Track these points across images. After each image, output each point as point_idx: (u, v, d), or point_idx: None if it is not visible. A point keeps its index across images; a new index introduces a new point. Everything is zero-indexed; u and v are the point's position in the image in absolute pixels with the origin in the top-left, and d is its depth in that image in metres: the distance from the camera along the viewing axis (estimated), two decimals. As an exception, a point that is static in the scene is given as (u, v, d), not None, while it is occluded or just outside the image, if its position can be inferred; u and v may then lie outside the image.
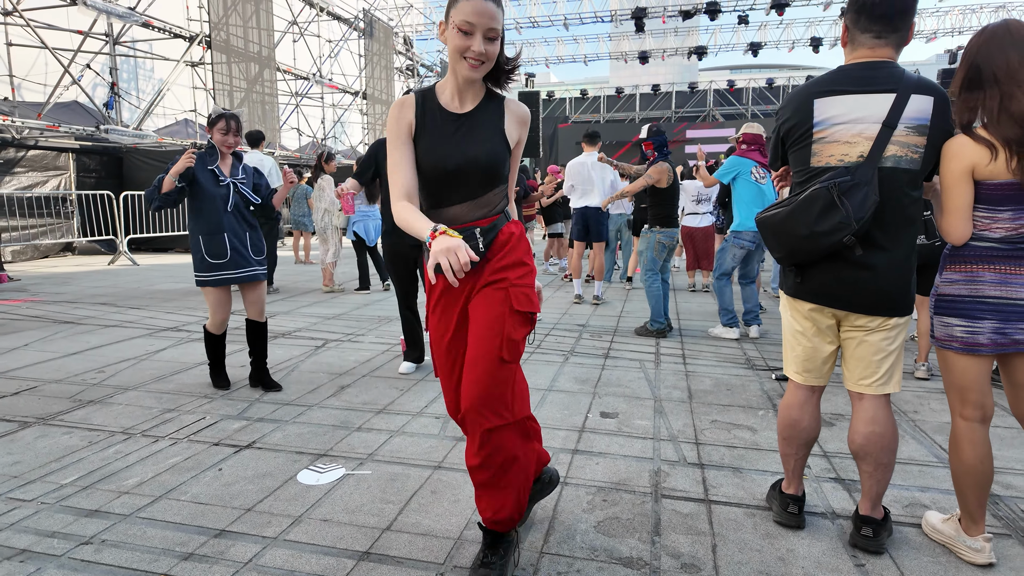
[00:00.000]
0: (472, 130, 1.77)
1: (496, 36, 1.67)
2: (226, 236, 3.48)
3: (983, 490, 1.94)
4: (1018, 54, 1.72)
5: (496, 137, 1.78)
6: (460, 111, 1.79)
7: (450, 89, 1.79)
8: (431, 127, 1.77)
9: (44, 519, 2.21)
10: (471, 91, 1.79)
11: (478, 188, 1.78)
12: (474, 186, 1.77)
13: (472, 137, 1.76)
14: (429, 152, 1.76)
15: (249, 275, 3.55)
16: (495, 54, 1.69)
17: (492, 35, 1.66)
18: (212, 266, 3.46)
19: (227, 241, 3.48)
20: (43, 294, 7.18)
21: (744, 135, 5.02)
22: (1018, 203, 1.77)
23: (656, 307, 5.17)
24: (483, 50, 1.65)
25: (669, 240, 5.24)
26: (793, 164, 2.01)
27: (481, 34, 1.64)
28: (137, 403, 3.45)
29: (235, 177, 3.53)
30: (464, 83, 1.75)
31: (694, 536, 2.11)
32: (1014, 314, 1.81)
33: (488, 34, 1.65)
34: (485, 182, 1.78)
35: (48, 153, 10.84)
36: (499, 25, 1.65)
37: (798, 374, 2.13)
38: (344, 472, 2.58)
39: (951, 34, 23.23)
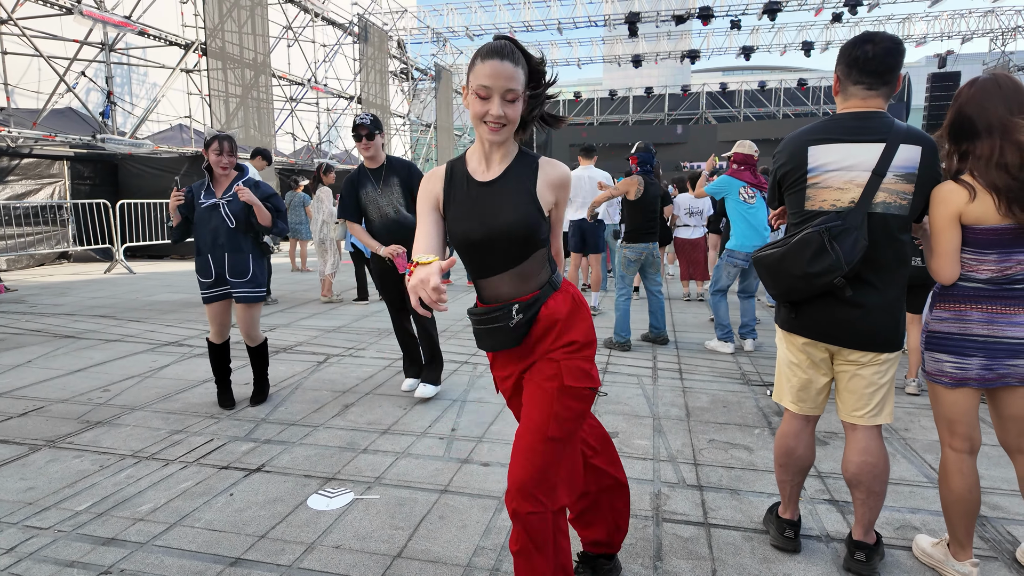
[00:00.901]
0: (498, 197, 1.67)
1: (515, 98, 1.59)
2: (209, 257, 3.57)
3: (971, 518, 2.03)
4: (1007, 107, 1.82)
5: (524, 202, 1.65)
6: (486, 178, 1.70)
7: (477, 154, 1.72)
8: (458, 197, 1.71)
9: (62, 548, 2.26)
10: (498, 154, 1.70)
11: (513, 258, 1.67)
12: (508, 256, 1.67)
13: (498, 205, 1.66)
14: (456, 223, 1.70)
15: (225, 295, 3.65)
16: (516, 116, 1.61)
17: (511, 97, 1.58)
18: (202, 284, 3.63)
19: (210, 262, 3.57)
20: (42, 306, 7.20)
21: (735, 155, 5.13)
22: (1003, 247, 1.86)
23: (620, 321, 5.25)
24: (501, 113, 1.57)
25: (636, 255, 5.27)
26: (789, 206, 2.09)
27: (499, 97, 1.57)
28: (145, 424, 3.50)
29: (223, 197, 3.58)
30: (489, 147, 1.68)
31: (695, 561, 2.19)
32: (1000, 351, 1.90)
33: (507, 96, 1.57)
34: (519, 251, 1.67)
35: (42, 161, 10.83)
36: (518, 86, 1.58)
37: (793, 404, 2.21)
38: (353, 497, 2.64)
39: (940, 39, 23.49)
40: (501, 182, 1.68)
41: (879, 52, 1.92)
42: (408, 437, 3.31)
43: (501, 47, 1.57)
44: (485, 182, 1.70)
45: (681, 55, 24.85)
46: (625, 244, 5.32)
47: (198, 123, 15.01)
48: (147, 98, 14.78)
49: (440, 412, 3.69)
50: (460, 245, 1.71)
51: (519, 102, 1.60)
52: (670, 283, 9.35)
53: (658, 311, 5.42)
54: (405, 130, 25.63)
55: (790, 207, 2.08)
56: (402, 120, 24.92)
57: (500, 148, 1.69)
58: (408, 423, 3.52)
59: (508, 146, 1.70)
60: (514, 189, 1.67)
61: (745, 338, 5.25)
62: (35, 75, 12.01)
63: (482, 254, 1.69)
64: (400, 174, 3.81)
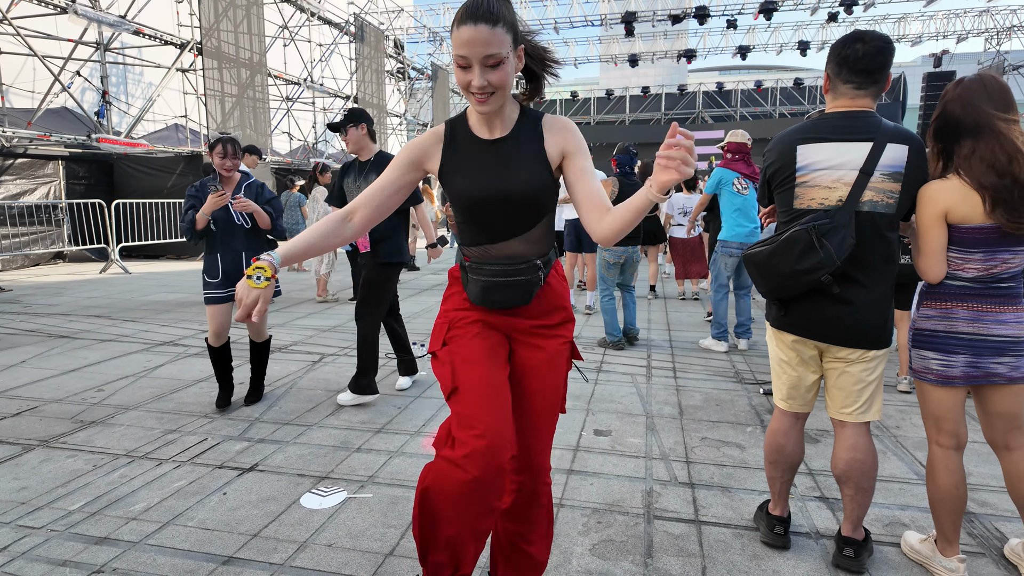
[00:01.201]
0: (510, 158, 1.57)
1: (497, 62, 1.43)
2: (219, 256, 3.59)
3: (958, 514, 2.05)
4: (992, 106, 1.83)
5: (536, 162, 1.57)
6: (493, 136, 1.60)
7: (476, 116, 1.61)
8: (464, 158, 1.60)
9: (55, 547, 2.27)
10: (499, 117, 1.59)
11: (522, 221, 1.60)
12: (518, 219, 1.59)
13: (510, 166, 1.57)
14: (465, 183, 1.58)
15: (228, 296, 3.64)
16: (503, 80, 1.45)
17: (491, 62, 1.42)
18: (207, 284, 3.62)
19: (219, 262, 3.59)
20: (37, 306, 7.19)
21: (728, 144, 5.15)
22: (988, 246, 1.88)
23: (609, 322, 5.28)
24: (484, 83, 1.44)
25: (615, 258, 5.29)
26: (778, 204, 2.11)
27: (479, 64, 1.42)
28: (139, 423, 3.50)
29: (232, 199, 3.59)
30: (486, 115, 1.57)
31: (685, 558, 2.21)
32: (986, 349, 1.92)
33: (487, 62, 1.42)
34: (532, 215, 1.60)
35: (37, 160, 10.81)
36: (499, 48, 1.41)
37: (783, 401, 2.23)
38: (346, 495, 2.65)
39: (935, 38, 23.56)
40: (510, 142, 1.59)
41: (868, 51, 1.93)
42: (402, 436, 3.32)
43: (475, 7, 1.40)
44: (492, 141, 1.59)
45: (677, 55, 24.89)
46: (604, 247, 5.34)
47: (194, 123, 14.98)
48: (142, 98, 14.76)
49: (434, 411, 3.70)
50: (466, 205, 1.59)
51: (505, 64, 1.44)
52: (666, 282, 9.37)
53: (630, 305, 5.47)
54: (402, 129, 25.62)
55: (779, 205, 2.10)
56: (399, 120, 24.91)
57: (499, 112, 1.57)
58: (402, 422, 3.53)
59: (508, 108, 1.59)
60: (523, 149, 1.58)
61: (740, 337, 5.27)
62: (30, 74, 11.98)
63: (489, 215, 1.58)
64: (381, 169, 3.82)
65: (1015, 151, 1.79)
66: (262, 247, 3.74)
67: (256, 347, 3.83)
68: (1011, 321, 1.91)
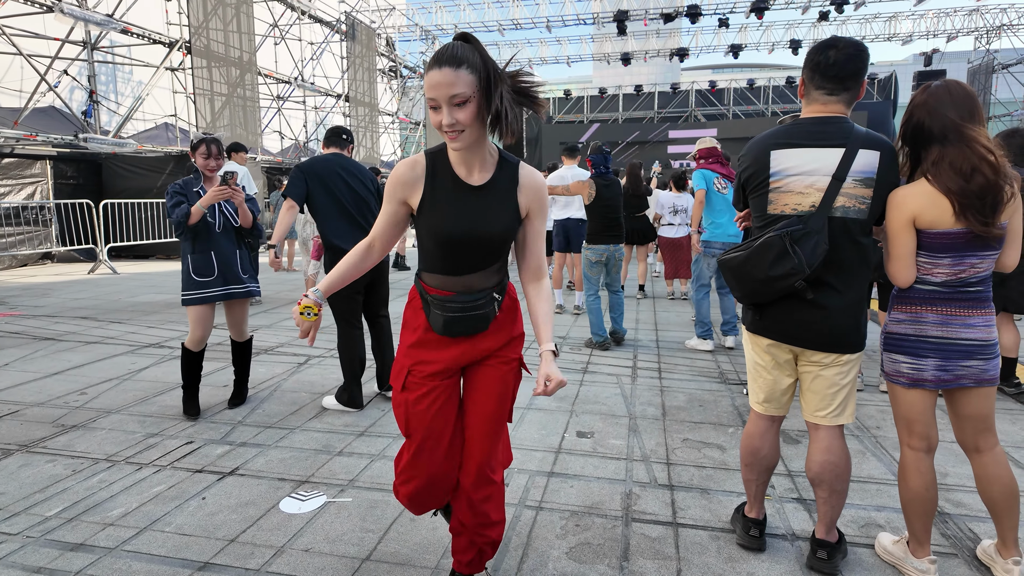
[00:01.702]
0: (486, 204, 1.71)
1: (463, 100, 1.52)
2: (213, 254, 3.55)
3: (928, 516, 2.07)
4: (957, 113, 1.85)
5: (510, 211, 1.74)
6: (473, 182, 1.71)
7: (455, 156, 1.70)
8: (445, 197, 1.71)
9: (30, 554, 2.26)
10: (477, 158, 1.69)
11: (488, 258, 1.77)
12: (485, 257, 1.76)
13: (486, 212, 1.71)
14: (442, 222, 1.70)
15: (232, 293, 3.61)
16: (470, 118, 1.55)
17: (456, 101, 1.52)
18: (198, 284, 3.51)
19: (214, 259, 3.55)
20: (22, 307, 7.14)
21: (699, 151, 5.25)
22: (957, 251, 1.90)
23: (595, 322, 5.30)
24: (452, 120, 1.54)
25: (598, 256, 5.32)
26: (752, 209, 2.12)
27: (446, 105, 1.53)
28: (120, 427, 3.49)
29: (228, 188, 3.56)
30: (464, 153, 1.67)
31: (660, 561, 2.22)
32: (955, 352, 1.93)
33: (452, 101, 1.52)
34: (495, 253, 1.78)
35: (24, 160, 10.73)
36: (463, 88, 1.51)
37: (759, 404, 2.24)
38: (325, 500, 2.65)
39: (926, 37, 23.67)
40: (490, 189, 1.72)
41: (840, 58, 1.94)
42: (384, 439, 3.32)
43: (441, 53, 1.53)
44: (474, 186, 1.71)
45: (670, 53, 24.93)
46: (587, 246, 5.37)
47: (183, 122, 14.91)
48: (131, 97, 14.67)
49: (418, 413, 3.70)
50: (442, 242, 1.72)
51: (470, 103, 1.54)
52: (655, 282, 9.40)
53: (617, 306, 5.47)
54: (394, 128, 25.55)
55: (754, 210, 2.11)
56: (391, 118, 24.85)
57: (477, 153, 1.68)
58: (385, 425, 3.53)
59: (485, 151, 1.69)
60: (501, 198, 1.73)
61: (727, 335, 5.30)
62: (17, 73, 11.89)
63: (461, 253, 1.73)
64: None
65: (979, 158, 1.80)
66: (243, 245, 3.71)
67: (239, 347, 3.81)
68: (979, 325, 1.93)
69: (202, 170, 3.56)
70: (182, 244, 3.57)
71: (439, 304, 1.77)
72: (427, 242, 1.76)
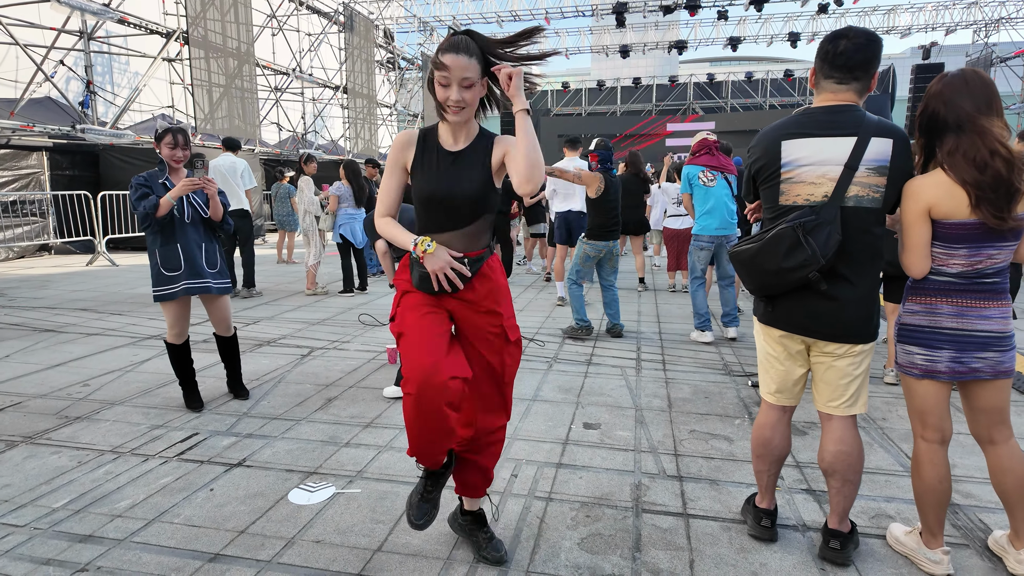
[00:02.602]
0: (462, 166, 1.97)
1: (471, 83, 1.85)
2: (179, 247, 3.46)
3: (942, 507, 2.06)
4: (973, 103, 1.83)
5: (482, 172, 1.97)
6: (454, 148, 1.99)
7: (444, 129, 2.00)
8: (429, 162, 1.99)
9: (38, 546, 2.24)
10: (463, 131, 1.99)
11: (465, 218, 1.97)
12: (461, 216, 1.97)
13: (461, 174, 1.96)
14: (425, 183, 1.97)
15: (203, 287, 3.52)
16: (474, 99, 1.89)
17: (466, 83, 1.85)
18: (167, 278, 3.43)
19: (180, 252, 3.46)
20: (21, 299, 7.10)
21: (693, 146, 5.29)
22: (972, 241, 1.89)
23: (577, 308, 5.35)
24: (460, 98, 1.86)
25: (596, 252, 5.32)
26: (764, 200, 2.10)
27: (456, 84, 1.84)
28: (124, 419, 3.47)
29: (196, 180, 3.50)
30: (455, 126, 1.96)
31: (673, 551, 2.22)
32: (970, 344, 1.93)
33: (463, 83, 1.84)
34: (471, 213, 1.97)
35: (20, 151, 10.64)
36: (473, 74, 1.84)
37: (771, 395, 2.23)
38: (334, 491, 2.64)
39: (924, 30, 23.64)
40: (466, 154, 1.98)
41: (850, 48, 1.92)
42: (391, 430, 3.31)
43: (457, 42, 1.84)
44: (453, 152, 1.99)
45: (669, 45, 24.85)
46: (586, 240, 5.35)
47: (181, 113, 14.80)
48: (129, 88, 14.56)
49: (423, 405, 3.69)
50: (424, 201, 1.98)
51: (475, 87, 1.88)
52: (656, 274, 9.39)
53: (612, 303, 5.45)
54: (392, 120, 25.43)
55: (765, 202, 2.09)
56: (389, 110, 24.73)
57: (464, 127, 1.98)
58: (391, 416, 3.51)
59: (471, 125, 2.00)
60: (474, 162, 1.97)
61: (728, 326, 5.30)
62: (12, 63, 11.77)
63: (441, 211, 1.97)
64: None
65: (995, 149, 1.79)
66: (214, 238, 3.64)
67: (224, 342, 3.76)
68: (996, 316, 1.92)
69: (168, 161, 3.48)
70: (148, 238, 3.48)
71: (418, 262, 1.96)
72: (415, 203, 2.01)
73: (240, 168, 7.01)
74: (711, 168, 5.07)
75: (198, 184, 3.39)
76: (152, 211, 3.34)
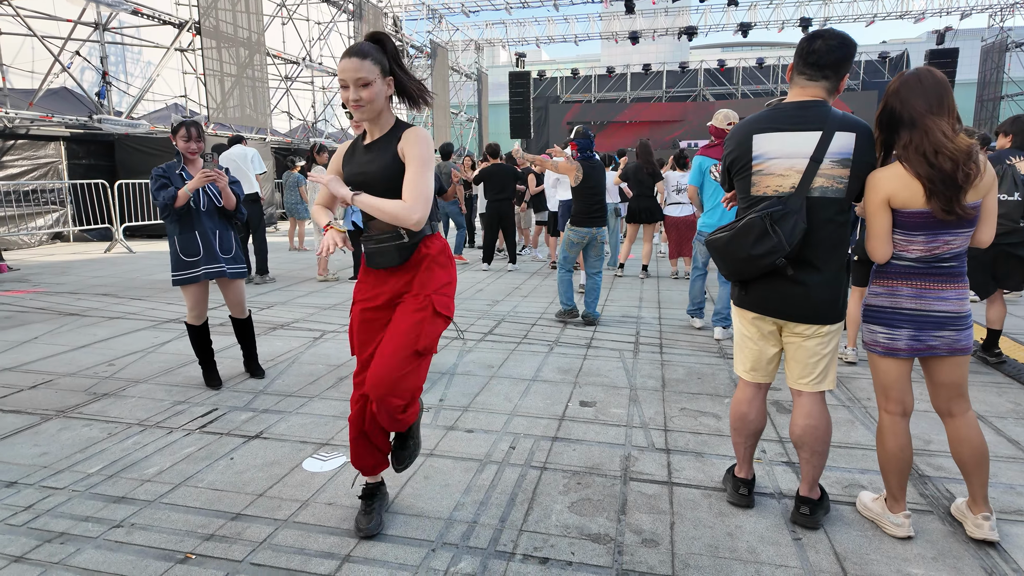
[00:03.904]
0: (373, 156, 2.15)
1: (367, 82, 2.00)
2: (196, 234, 3.68)
3: (903, 474, 2.24)
4: (926, 101, 1.98)
5: (388, 158, 2.11)
6: (369, 142, 2.19)
7: (365, 127, 2.22)
8: (353, 156, 2.22)
9: (77, 505, 2.47)
10: (376, 127, 2.16)
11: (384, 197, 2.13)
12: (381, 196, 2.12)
13: (374, 160, 2.14)
14: (348, 174, 2.21)
15: (219, 271, 3.74)
16: (373, 95, 2.03)
17: (362, 82, 2.00)
18: (186, 264, 3.66)
19: (198, 238, 3.68)
20: (44, 284, 7.37)
21: (710, 128, 5.07)
22: (929, 229, 2.04)
23: (563, 292, 5.54)
24: (357, 97, 2.02)
25: (579, 238, 5.41)
26: (738, 191, 2.26)
27: (353, 85, 2.01)
28: (149, 396, 3.70)
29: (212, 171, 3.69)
30: (368, 123, 2.15)
31: (655, 515, 2.41)
32: (927, 324, 2.09)
33: (358, 83, 2.00)
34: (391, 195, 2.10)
35: (38, 141, 10.91)
36: (366, 73, 1.99)
37: (746, 372, 2.40)
38: (345, 460, 2.85)
39: (939, 14, 23.34)
40: (377, 144, 2.16)
41: (822, 48, 2.07)
42: (398, 407, 3.51)
43: (353, 47, 2.01)
44: (366, 144, 2.20)
45: (679, 32, 24.71)
46: (570, 227, 5.46)
47: (193, 102, 15.02)
48: (142, 77, 14.78)
49: (429, 384, 3.90)
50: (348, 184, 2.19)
51: (372, 86, 2.02)
52: (660, 261, 9.53)
53: (592, 291, 5.56)
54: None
55: (739, 192, 2.25)
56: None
57: (376, 123, 2.14)
58: (398, 394, 3.71)
59: (383, 121, 2.14)
60: (383, 150, 2.13)
61: (715, 325, 5.17)
62: (29, 55, 12.01)
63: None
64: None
65: (940, 145, 1.94)
66: (228, 226, 3.86)
67: (239, 324, 3.98)
68: (952, 298, 2.08)
69: (183, 152, 3.69)
70: (168, 226, 3.70)
71: (366, 239, 2.19)
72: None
73: (250, 154, 7.30)
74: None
75: (212, 176, 3.59)
76: (171, 201, 3.55)
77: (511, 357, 4.49)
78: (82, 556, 2.14)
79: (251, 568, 2.07)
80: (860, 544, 2.21)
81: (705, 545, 2.21)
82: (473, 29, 28.19)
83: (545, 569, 2.07)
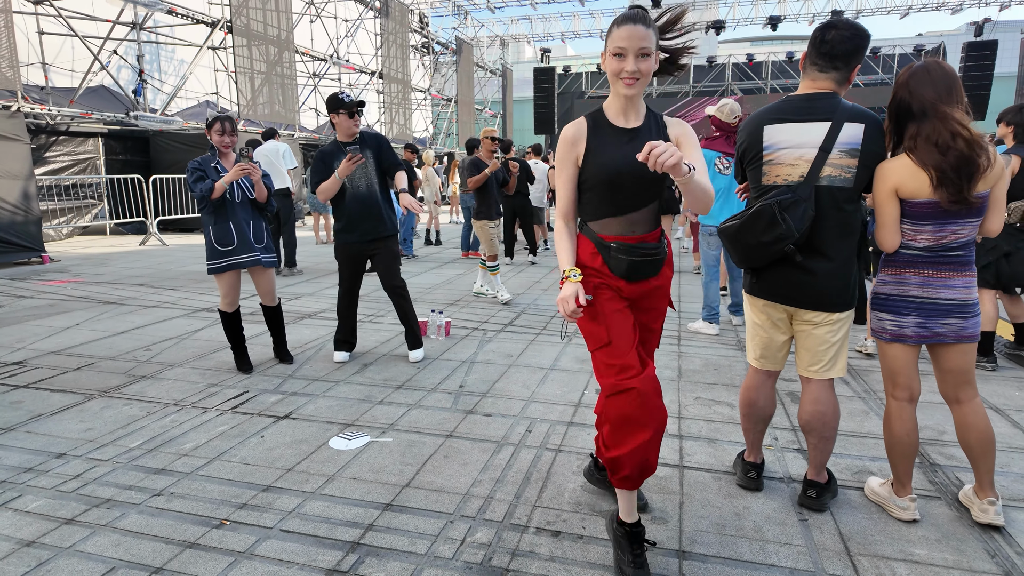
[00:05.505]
0: (639, 144, 1.92)
1: (648, 53, 1.82)
2: (231, 224, 3.85)
3: (909, 459, 2.28)
4: (934, 92, 2.02)
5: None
6: (627, 126, 1.97)
7: (614, 108, 1.98)
8: (606, 140, 1.96)
9: (121, 475, 2.64)
10: (634, 109, 1.96)
11: (646, 198, 1.97)
12: (644, 195, 1.96)
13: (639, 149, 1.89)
14: (606, 160, 1.94)
15: (253, 260, 3.90)
16: (649, 70, 1.85)
17: (643, 53, 1.82)
18: (221, 253, 3.83)
19: (232, 229, 3.85)
20: (84, 275, 7.69)
21: (711, 119, 4.89)
22: (936, 218, 2.09)
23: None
24: (635, 68, 1.83)
25: None
26: (750, 180, 2.33)
27: (633, 55, 1.82)
28: (184, 378, 3.89)
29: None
30: (626, 101, 1.93)
31: (665, 495, 2.49)
32: (934, 311, 2.13)
33: (639, 53, 1.81)
34: (653, 191, 1.96)
35: (77, 137, 11.32)
36: (650, 44, 1.81)
37: (756, 360, 2.47)
38: (369, 439, 2.98)
39: (977, 6, 22.73)
40: (642, 132, 1.97)
41: (834, 39, 2.13)
42: (420, 392, 3.64)
43: (634, 14, 1.82)
44: (631, 128, 1.97)
45: (706, 25, 24.46)
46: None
47: (224, 99, 15.39)
48: (176, 75, 15.19)
49: (450, 371, 4.02)
50: (606, 179, 1.95)
51: (651, 58, 1.84)
52: (683, 257, 9.53)
53: None
54: (426, 105, 25.77)
55: (751, 182, 2.32)
56: (423, 95, 25.05)
57: (633, 105, 1.96)
58: (421, 380, 3.85)
59: (640, 101, 1.98)
60: (654, 136, 1.94)
61: (735, 315, 5.25)
62: (69, 54, 12.45)
63: (623, 190, 1.95)
64: (372, 147, 4.05)
65: (956, 131, 1.98)
66: (261, 217, 4.03)
67: (270, 311, 4.15)
68: (959, 286, 2.12)
69: (218, 146, 3.85)
70: (203, 217, 3.87)
71: (622, 249, 1.96)
72: (595, 184, 1.97)
73: (282, 150, 7.58)
74: (727, 155, 4.81)
75: (246, 170, 3.75)
76: (208, 193, 3.73)
77: (530, 347, 4.59)
78: (127, 520, 2.31)
79: (281, 534, 2.21)
80: (865, 526, 2.27)
81: (712, 523, 2.29)
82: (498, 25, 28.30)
83: (556, 541, 2.17)
